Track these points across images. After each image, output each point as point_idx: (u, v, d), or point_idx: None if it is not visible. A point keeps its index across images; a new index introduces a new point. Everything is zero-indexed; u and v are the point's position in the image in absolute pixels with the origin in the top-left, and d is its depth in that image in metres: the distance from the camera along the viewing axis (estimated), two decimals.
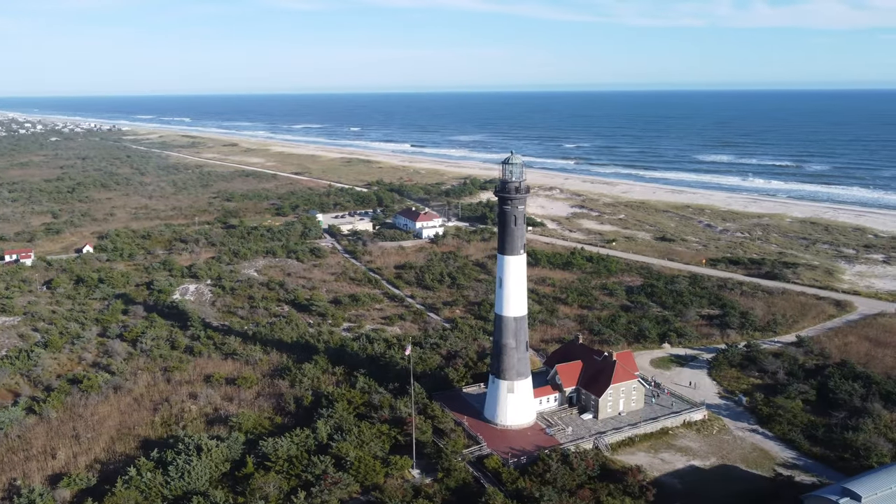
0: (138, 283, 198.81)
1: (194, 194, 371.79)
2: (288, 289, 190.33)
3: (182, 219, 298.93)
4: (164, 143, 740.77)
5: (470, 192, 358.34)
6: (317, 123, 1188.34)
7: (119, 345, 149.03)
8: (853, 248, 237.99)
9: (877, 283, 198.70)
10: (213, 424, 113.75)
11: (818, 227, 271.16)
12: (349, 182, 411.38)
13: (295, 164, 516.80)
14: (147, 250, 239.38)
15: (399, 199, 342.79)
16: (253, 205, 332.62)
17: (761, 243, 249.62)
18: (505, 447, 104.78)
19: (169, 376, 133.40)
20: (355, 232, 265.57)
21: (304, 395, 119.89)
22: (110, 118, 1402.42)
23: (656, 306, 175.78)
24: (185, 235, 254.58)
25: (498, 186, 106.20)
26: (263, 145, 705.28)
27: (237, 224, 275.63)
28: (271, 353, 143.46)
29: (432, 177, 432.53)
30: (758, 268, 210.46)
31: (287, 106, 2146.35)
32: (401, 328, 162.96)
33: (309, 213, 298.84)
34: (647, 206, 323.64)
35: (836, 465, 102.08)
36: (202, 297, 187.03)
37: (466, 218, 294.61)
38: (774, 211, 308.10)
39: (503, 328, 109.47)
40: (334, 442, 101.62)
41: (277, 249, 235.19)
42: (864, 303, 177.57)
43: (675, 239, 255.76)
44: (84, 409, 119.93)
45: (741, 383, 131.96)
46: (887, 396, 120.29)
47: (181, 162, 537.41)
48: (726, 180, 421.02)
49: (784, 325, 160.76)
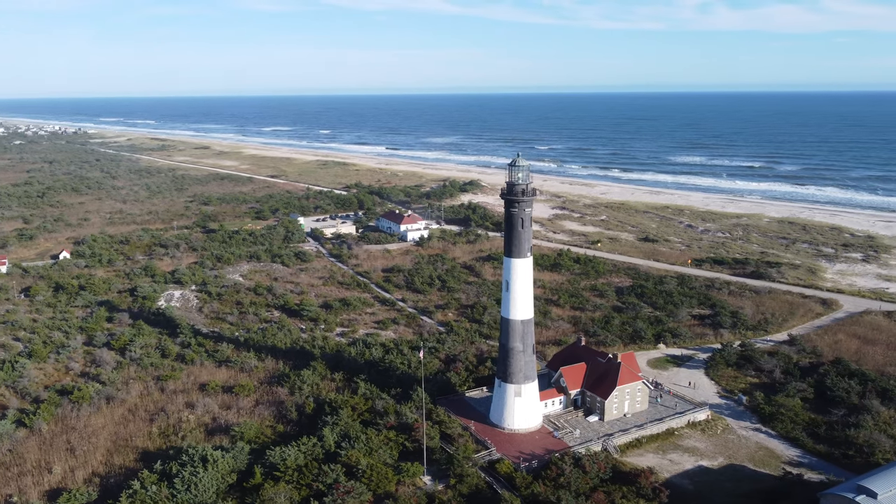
0: (121, 289, 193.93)
1: (169, 198, 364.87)
2: (276, 294, 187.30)
3: (159, 223, 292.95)
4: (134, 146, 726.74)
5: (451, 194, 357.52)
6: (286, 126, 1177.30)
7: (107, 354, 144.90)
8: (832, 248, 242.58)
9: (858, 281, 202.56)
10: (214, 434, 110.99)
11: (796, 227, 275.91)
12: (327, 185, 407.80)
13: (270, 167, 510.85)
14: (126, 256, 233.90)
15: (380, 201, 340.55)
16: (231, 208, 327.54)
17: (743, 243, 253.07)
18: (514, 451, 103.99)
19: (162, 385, 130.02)
20: (339, 235, 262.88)
21: (305, 403, 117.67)
22: (74, 121, 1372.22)
23: (647, 307, 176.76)
24: (165, 240, 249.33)
25: (505, 189, 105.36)
26: (236, 148, 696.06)
27: (217, 228, 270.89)
28: (266, 360, 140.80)
29: (411, 179, 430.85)
30: (742, 267, 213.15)
31: (254, 108, 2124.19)
32: (395, 332, 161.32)
33: (290, 217, 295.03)
34: (627, 207, 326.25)
35: (841, 463, 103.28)
36: (188, 304, 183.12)
37: (450, 220, 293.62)
38: (752, 211, 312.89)
39: (510, 331, 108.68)
40: (342, 450, 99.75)
41: (261, 254, 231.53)
42: (849, 301, 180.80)
43: (658, 239, 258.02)
44: (76, 421, 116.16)
45: (739, 382, 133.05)
46: (883, 393, 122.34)
47: (153, 165, 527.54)
48: (702, 181, 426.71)
49: (775, 324, 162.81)
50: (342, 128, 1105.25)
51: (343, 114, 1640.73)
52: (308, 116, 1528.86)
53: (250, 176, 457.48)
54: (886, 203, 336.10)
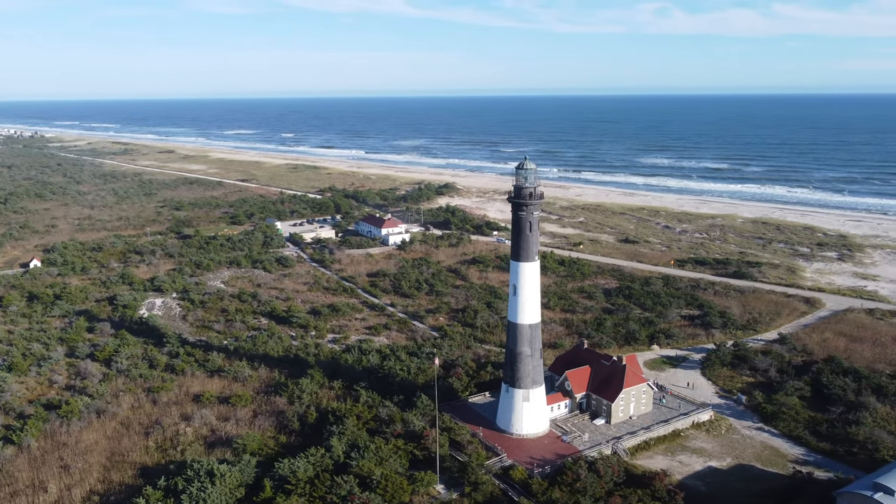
0: (99, 298, 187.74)
1: (139, 203, 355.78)
2: (261, 300, 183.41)
3: (131, 229, 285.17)
4: (95, 150, 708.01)
5: (427, 197, 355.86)
6: (250, 129, 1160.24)
7: (91, 365, 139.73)
8: (807, 247, 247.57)
9: (836, 279, 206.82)
10: (214, 447, 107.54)
11: (770, 227, 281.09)
12: (300, 189, 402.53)
13: (239, 171, 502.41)
14: (100, 263, 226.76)
15: (356, 205, 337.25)
16: (205, 213, 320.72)
17: (720, 243, 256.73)
18: (525, 457, 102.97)
19: (154, 397, 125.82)
20: (319, 240, 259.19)
21: (307, 413, 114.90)
22: (30, 124, 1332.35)
23: (637, 308, 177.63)
24: (140, 247, 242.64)
25: (513, 193, 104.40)
26: (202, 151, 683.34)
27: (193, 234, 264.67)
28: (260, 369, 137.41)
29: (384, 182, 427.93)
30: (724, 268, 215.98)
31: (215, 111, 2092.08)
32: (387, 338, 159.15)
33: (266, 222, 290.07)
34: (603, 209, 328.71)
35: (846, 460, 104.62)
36: (171, 312, 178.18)
37: (429, 223, 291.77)
38: (725, 212, 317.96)
39: (518, 336, 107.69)
40: (351, 460, 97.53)
41: (241, 259, 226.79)
42: (831, 299, 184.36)
43: (639, 241, 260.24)
44: (67, 437, 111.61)
45: (735, 382, 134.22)
46: (878, 390, 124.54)
47: (117, 170, 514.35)
48: (673, 183, 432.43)
49: (763, 324, 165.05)
50: (307, 131, 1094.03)
51: (307, 116, 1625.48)
52: (271, 119, 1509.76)
53: (220, 180, 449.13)
54: (853, 203, 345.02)
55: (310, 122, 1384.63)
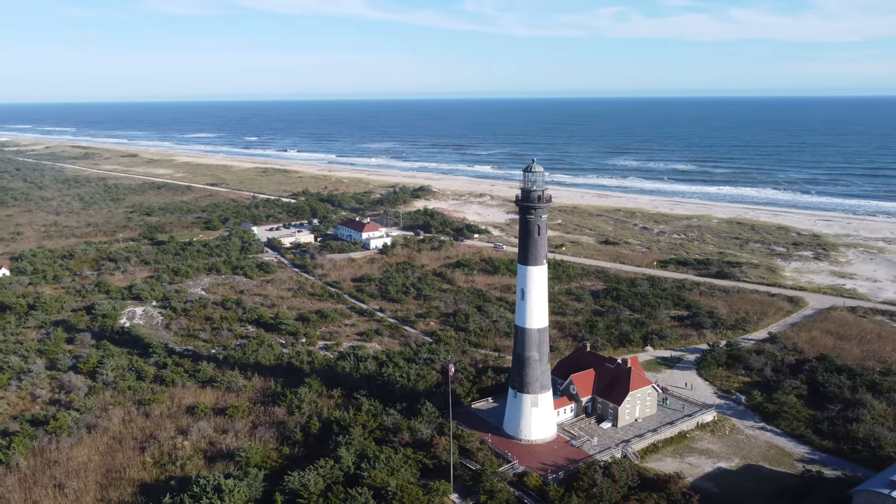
0: (75, 307, 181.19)
1: (106, 209, 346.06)
2: (246, 308, 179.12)
3: (102, 236, 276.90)
4: (54, 154, 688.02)
5: (404, 200, 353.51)
6: (212, 133, 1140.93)
7: (75, 378, 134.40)
8: (783, 247, 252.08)
9: (816, 278, 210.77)
10: (215, 461, 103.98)
11: (745, 227, 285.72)
12: (272, 193, 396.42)
13: (207, 175, 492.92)
14: (73, 271, 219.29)
15: (332, 209, 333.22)
16: (177, 219, 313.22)
17: (699, 244, 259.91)
18: (537, 463, 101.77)
19: (146, 410, 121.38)
20: (298, 245, 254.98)
21: (310, 423, 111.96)
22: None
23: (626, 309, 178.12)
24: (114, 254, 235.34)
25: (520, 196, 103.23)
26: (167, 155, 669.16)
27: (167, 240, 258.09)
28: (253, 378, 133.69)
29: (358, 185, 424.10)
30: (706, 268, 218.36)
31: (174, 114, 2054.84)
32: (380, 344, 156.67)
33: (242, 227, 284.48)
34: (580, 211, 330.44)
35: (850, 458, 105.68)
36: (153, 321, 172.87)
37: (409, 227, 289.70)
38: (699, 212, 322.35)
39: (526, 341, 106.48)
40: (362, 471, 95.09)
41: (220, 266, 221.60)
42: (813, 298, 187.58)
43: (619, 242, 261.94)
44: (58, 454, 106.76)
45: (732, 382, 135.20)
46: (872, 387, 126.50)
47: (80, 174, 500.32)
48: (646, 184, 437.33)
49: (752, 323, 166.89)
50: (271, 134, 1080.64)
51: (269, 120, 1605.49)
52: (234, 123, 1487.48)
53: (189, 185, 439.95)
54: (821, 203, 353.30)
55: (273, 125, 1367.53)
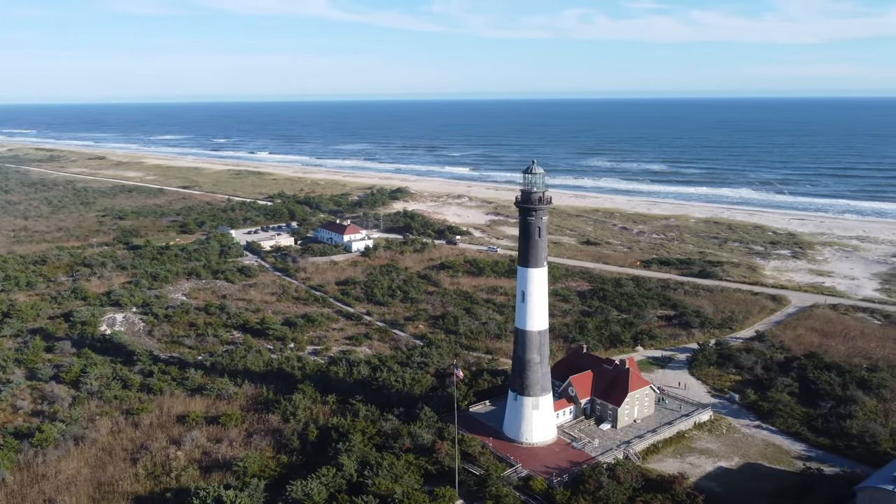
0: (52, 315, 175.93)
1: (76, 213, 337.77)
2: (231, 313, 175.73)
3: (74, 241, 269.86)
4: (18, 157, 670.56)
5: (382, 202, 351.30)
6: (180, 134, 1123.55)
7: (58, 388, 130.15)
8: (761, 246, 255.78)
9: (795, 276, 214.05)
10: (211, 471, 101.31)
11: (722, 227, 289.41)
12: (247, 195, 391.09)
13: (179, 178, 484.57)
14: (47, 277, 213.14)
15: (311, 211, 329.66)
16: (151, 222, 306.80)
17: (679, 244, 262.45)
18: (540, 466, 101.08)
19: (135, 420, 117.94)
20: (279, 248, 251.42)
21: (307, 430, 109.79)
22: None
23: (613, 310, 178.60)
24: (89, 259, 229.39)
25: (521, 197, 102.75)
26: (135, 158, 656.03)
27: (143, 244, 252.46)
28: (244, 385, 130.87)
29: (334, 188, 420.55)
30: (688, 267, 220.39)
31: (139, 115, 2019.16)
32: (370, 348, 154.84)
33: (220, 230, 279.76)
34: (559, 211, 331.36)
35: (846, 454, 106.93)
36: (135, 328, 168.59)
37: (389, 229, 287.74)
38: (676, 212, 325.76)
39: (527, 343, 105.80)
40: (365, 479, 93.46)
41: (200, 270, 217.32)
42: (795, 296, 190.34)
43: (600, 242, 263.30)
44: (45, 468, 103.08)
45: (724, 381, 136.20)
46: (862, 384, 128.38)
47: (46, 178, 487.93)
48: (622, 185, 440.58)
49: (738, 322, 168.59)
50: (241, 136, 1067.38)
51: (238, 121, 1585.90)
52: (202, 124, 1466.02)
53: (161, 187, 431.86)
54: (794, 202, 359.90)
55: (241, 126, 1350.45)
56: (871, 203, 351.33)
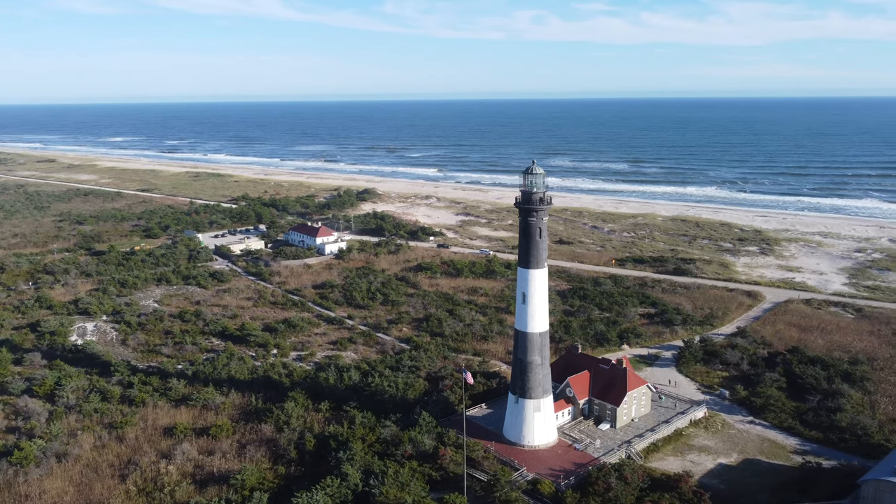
0: (17, 325, 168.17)
1: (31, 218, 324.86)
2: (207, 319, 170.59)
3: (32, 247, 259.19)
4: None
5: (350, 203, 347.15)
6: (130, 136, 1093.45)
7: (32, 402, 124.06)
8: (730, 243, 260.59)
9: (766, 272, 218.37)
10: (207, 485, 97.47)
11: (690, 224, 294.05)
12: (210, 198, 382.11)
13: (136, 181, 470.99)
14: (6, 286, 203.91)
15: (278, 213, 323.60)
16: (112, 227, 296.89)
17: (650, 241, 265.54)
18: (545, 469, 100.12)
19: (119, 434, 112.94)
20: (250, 252, 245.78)
21: (304, 439, 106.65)
22: None
23: (596, 309, 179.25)
24: (50, 266, 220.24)
25: (521, 198, 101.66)
26: (88, 160, 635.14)
27: (107, 250, 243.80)
28: (231, 394, 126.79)
29: (299, 189, 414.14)
30: (662, 265, 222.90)
31: (86, 117, 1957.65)
32: (356, 352, 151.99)
33: (186, 234, 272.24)
34: None
35: (840, 447, 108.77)
36: (107, 337, 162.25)
37: (361, 230, 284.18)
38: (644, 211, 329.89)
39: (528, 345, 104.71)
40: (371, 488, 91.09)
41: (170, 276, 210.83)
42: (769, 292, 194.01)
43: (573, 242, 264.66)
44: (27, 487, 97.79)
45: (712, 377, 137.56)
46: (846, 377, 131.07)
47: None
48: (587, 184, 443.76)
49: (718, 318, 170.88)
50: (195, 137, 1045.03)
51: (191, 122, 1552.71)
52: (153, 126, 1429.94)
53: (118, 191, 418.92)
54: (754, 200, 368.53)
55: (195, 128, 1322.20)
56: (828, 200, 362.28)
